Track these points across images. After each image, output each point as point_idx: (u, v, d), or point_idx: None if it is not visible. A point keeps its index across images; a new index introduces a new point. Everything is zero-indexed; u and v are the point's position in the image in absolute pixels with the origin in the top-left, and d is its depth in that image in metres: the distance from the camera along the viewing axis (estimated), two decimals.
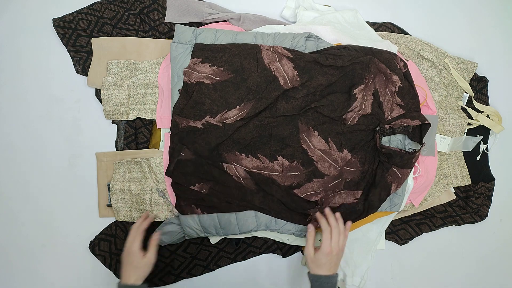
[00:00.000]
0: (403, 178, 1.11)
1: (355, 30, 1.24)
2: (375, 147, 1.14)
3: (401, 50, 1.25)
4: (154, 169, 1.17)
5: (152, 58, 1.21)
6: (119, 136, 1.23)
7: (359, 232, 1.24)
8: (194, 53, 1.11)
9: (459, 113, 1.28)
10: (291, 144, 1.12)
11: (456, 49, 1.32)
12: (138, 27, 1.22)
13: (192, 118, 1.10)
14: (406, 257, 1.33)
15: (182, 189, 1.11)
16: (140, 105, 1.20)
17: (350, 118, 1.12)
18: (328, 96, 1.12)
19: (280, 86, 1.10)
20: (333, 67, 1.11)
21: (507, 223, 1.36)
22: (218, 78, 1.11)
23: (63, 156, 1.25)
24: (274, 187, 1.11)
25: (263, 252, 1.26)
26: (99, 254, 1.22)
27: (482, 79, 1.31)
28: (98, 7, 1.21)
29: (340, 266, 1.24)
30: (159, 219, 1.19)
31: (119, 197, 1.19)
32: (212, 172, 1.09)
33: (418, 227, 1.30)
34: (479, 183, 1.30)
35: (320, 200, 1.12)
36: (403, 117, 1.12)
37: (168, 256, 1.22)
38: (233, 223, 1.12)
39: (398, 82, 1.12)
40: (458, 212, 1.31)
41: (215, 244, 1.24)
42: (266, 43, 1.13)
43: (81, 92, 1.25)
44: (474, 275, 1.36)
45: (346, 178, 1.13)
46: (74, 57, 1.22)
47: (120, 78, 1.19)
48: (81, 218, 1.25)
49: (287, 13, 1.27)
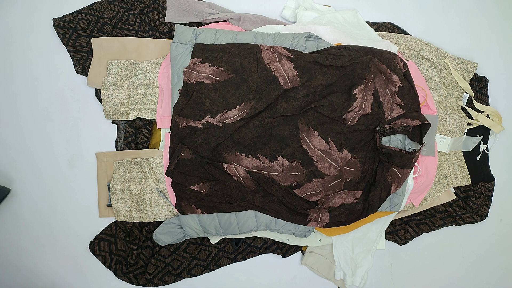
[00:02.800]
0: (403, 178, 1.11)
1: (355, 30, 1.24)
2: (375, 147, 1.14)
3: (401, 50, 1.25)
4: (154, 169, 1.17)
5: (152, 58, 1.21)
6: (119, 136, 1.23)
7: (359, 232, 1.24)
8: (194, 53, 1.11)
9: (459, 113, 1.28)
10: (291, 144, 1.12)
11: (456, 49, 1.32)
12: (138, 27, 1.22)
13: (192, 118, 1.10)
14: (406, 257, 1.33)
15: (182, 189, 1.11)
16: (140, 105, 1.20)
17: (350, 118, 1.12)
18: (328, 96, 1.12)
19: (280, 86, 1.10)
20: (333, 67, 1.11)
21: (507, 223, 1.36)
22: (218, 78, 1.11)
23: (63, 156, 1.25)
24: (274, 187, 1.11)
25: (263, 252, 1.26)
26: (99, 254, 1.22)
27: (482, 79, 1.31)
28: (98, 7, 1.21)
29: (340, 266, 1.25)
30: (159, 219, 1.19)
31: (119, 197, 1.19)
32: (212, 172, 1.09)
33: (418, 227, 1.30)
34: (479, 183, 1.30)
35: (320, 200, 1.12)
36: (403, 117, 1.12)
37: (168, 256, 1.22)
38: (233, 223, 1.12)
39: (398, 82, 1.12)
40: (458, 212, 1.31)
41: (215, 244, 1.24)
42: (266, 43, 1.13)
43: (81, 92, 1.25)
44: (474, 275, 1.36)
45: (346, 178, 1.13)
46: (74, 57, 1.22)
47: (120, 78, 1.19)
48: (81, 218, 1.25)
49: (287, 13, 1.27)
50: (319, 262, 1.27)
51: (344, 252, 1.24)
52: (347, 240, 1.24)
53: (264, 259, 1.29)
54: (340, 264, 1.24)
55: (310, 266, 1.27)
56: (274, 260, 1.29)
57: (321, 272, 1.28)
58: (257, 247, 1.25)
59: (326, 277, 1.28)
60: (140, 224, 1.23)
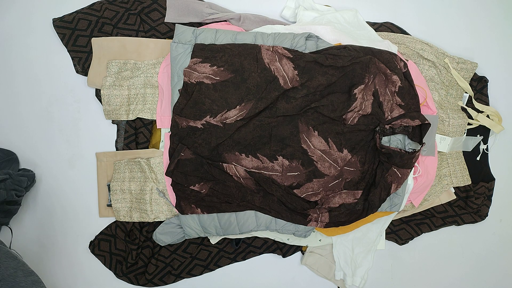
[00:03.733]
0: (403, 178, 1.11)
1: (355, 30, 1.24)
2: (375, 147, 1.14)
3: (401, 50, 1.25)
4: (154, 169, 1.17)
5: (152, 58, 1.21)
6: (119, 136, 1.23)
7: (359, 232, 1.24)
8: (194, 53, 1.11)
9: (459, 113, 1.28)
10: (291, 144, 1.12)
11: (456, 49, 1.32)
12: (138, 27, 1.21)
13: (192, 118, 1.10)
14: (406, 257, 1.33)
15: (182, 189, 1.11)
16: (140, 105, 1.20)
17: (350, 118, 1.12)
18: (328, 96, 1.12)
19: (280, 86, 1.10)
20: (333, 67, 1.11)
21: (507, 223, 1.36)
22: (218, 78, 1.11)
23: (63, 156, 1.25)
24: (274, 187, 1.11)
25: (263, 252, 1.26)
26: (99, 254, 1.22)
27: (482, 79, 1.31)
28: (98, 7, 1.21)
29: (340, 266, 1.25)
30: (159, 219, 1.19)
31: (119, 197, 1.19)
32: (212, 172, 1.09)
33: (418, 227, 1.30)
34: (479, 183, 1.30)
35: (320, 200, 1.12)
36: (403, 117, 1.12)
37: (168, 256, 1.22)
38: (233, 223, 1.12)
39: (398, 82, 1.12)
40: (458, 212, 1.31)
41: (215, 244, 1.24)
42: (266, 43, 1.13)
43: (81, 92, 1.25)
44: (474, 275, 1.36)
45: (346, 178, 1.13)
46: (74, 57, 1.22)
47: (120, 78, 1.19)
48: (81, 218, 1.25)
49: (287, 13, 1.27)
50: (319, 262, 1.27)
51: (344, 252, 1.24)
52: (347, 240, 1.24)
53: (264, 259, 1.29)
54: (340, 264, 1.24)
55: (310, 266, 1.27)
56: (274, 260, 1.29)
57: (321, 272, 1.28)
58: (257, 247, 1.25)
59: (326, 277, 1.28)
60: (140, 224, 1.23)
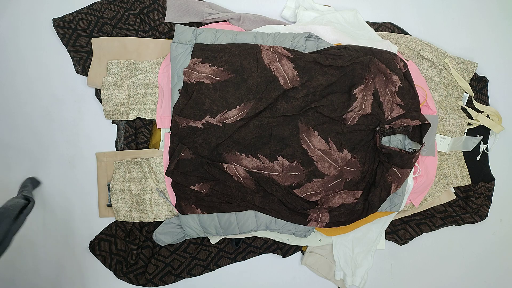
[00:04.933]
0: (403, 178, 1.11)
1: (355, 30, 1.24)
2: (375, 147, 1.14)
3: (401, 50, 1.25)
4: (154, 169, 1.17)
5: (152, 58, 1.21)
6: (119, 136, 1.23)
7: (359, 232, 1.24)
8: (194, 53, 1.11)
9: (459, 113, 1.28)
10: (291, 144, 1.12)
11: (456, 49, 1.32)
12: (138, 27, 1.21)
13: (192, 118, 1.10)
14: (406, 257, 1.33)
15: (182, 189, 1.11)
16: (140, 105, 1.20)
17: (350, 118, 1.12)
18: (328, 96, 1.12)
19: (280, 86, 1.10)
20: (333, 67, 1.11)
21: (507, 223, 1.36)
22: (218, 78, 1.11)
23: (63, 156, 1.25)
24: (274, 187, 1.11)
25: (263, 252, 1.26)
26: (99, 254, 1.22)
27: (482, 79, 1.31)
28: (98, 7, 1.21)
29: (340, 266, 1.25)
30: (159, 219, 1.19)
31: (119, 197, 1.19)
32: (212, 172, 1.09)
33: (418, 227, 1.30)
34: (479, 183, 1.30)
35: (320, 200, 1.12)
36: (403, 117, 1.12)
37: (168, 256, 1.22)
38: (233, 223, 1.12)
39: (398, 82, 1.12)
40: (458, 212, 1.31)
41: (215, 244, 1.24)
42: (266, 43, 1.13)
43: (81, 92, 1.25)
44: (474, 275, 1.36)
45: (346, 178, 1.13)
46: (74, 57, 1.22)
47: (120, 78, 1.19)
48: (81, 218, 1.25)
49: (287, 13, 1.27)
50: (319, 262, 1.27)
51: (344, 252, 1.24)
52: (347, 240, 1.24)
53: (264, 259, 1.29)
54: (340, 264, 1.24)
55: (310, 266, 1.27)
56: (274, 260, 1.29)
57: (321, 272, 1.28)
58: (257, 247, 1.25)
59: (326, 277, 1.28)
60: (140, 224, 1.23)
